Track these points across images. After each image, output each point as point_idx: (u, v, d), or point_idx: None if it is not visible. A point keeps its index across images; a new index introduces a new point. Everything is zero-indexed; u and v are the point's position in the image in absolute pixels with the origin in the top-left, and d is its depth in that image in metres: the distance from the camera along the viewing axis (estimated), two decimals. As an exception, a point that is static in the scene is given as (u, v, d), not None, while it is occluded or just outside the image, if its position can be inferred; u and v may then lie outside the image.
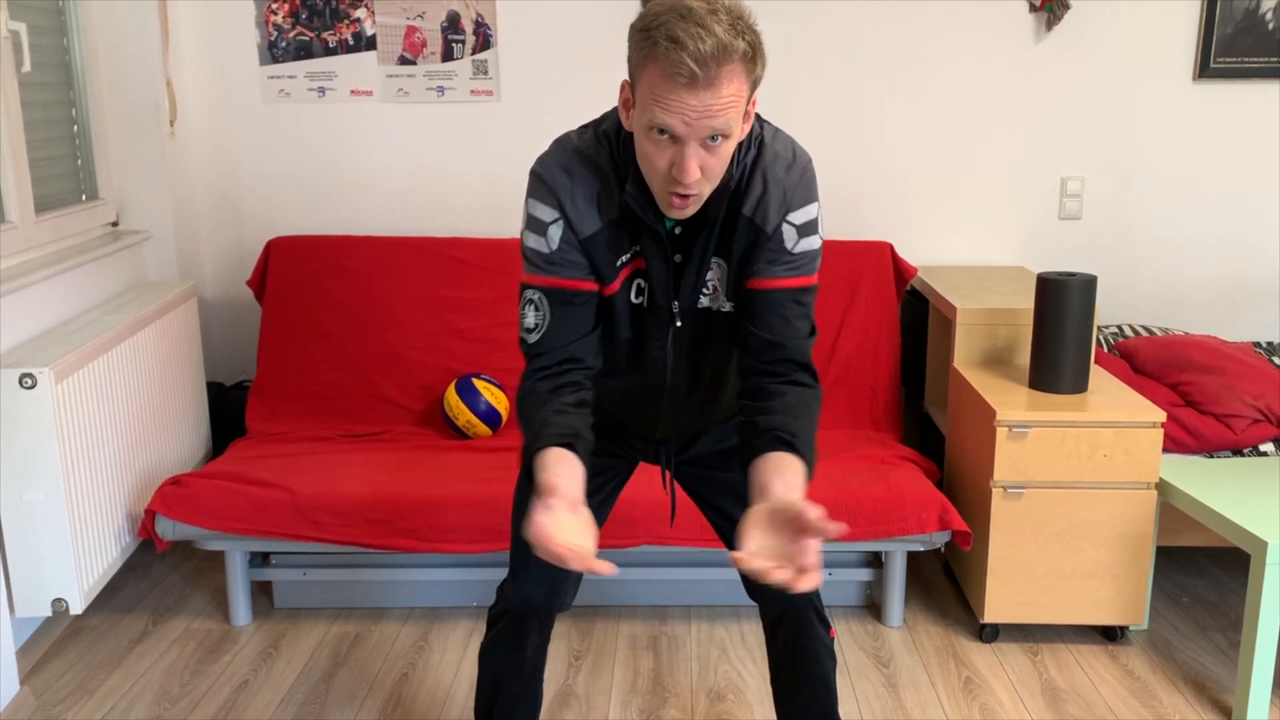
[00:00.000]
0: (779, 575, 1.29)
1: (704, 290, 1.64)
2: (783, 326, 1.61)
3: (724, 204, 1.57)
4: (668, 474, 1.90)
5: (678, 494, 1.94)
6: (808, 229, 1.60)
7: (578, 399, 1.59)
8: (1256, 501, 2.43)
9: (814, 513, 1.29)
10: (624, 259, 1.62)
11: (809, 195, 1.60)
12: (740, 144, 1.56)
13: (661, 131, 1.42)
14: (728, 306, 1.65)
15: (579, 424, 1.55)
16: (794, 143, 1.62)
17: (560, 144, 1.62)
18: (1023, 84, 3.30)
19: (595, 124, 1.63)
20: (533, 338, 1.62)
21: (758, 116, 1.60)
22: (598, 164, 1.58)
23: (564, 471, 1.46)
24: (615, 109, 1.61)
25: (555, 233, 1.58)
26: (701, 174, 1.45)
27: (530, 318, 1.62)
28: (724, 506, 1.83)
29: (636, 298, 1.65)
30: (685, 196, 1.48)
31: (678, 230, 1.60)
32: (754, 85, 1.45)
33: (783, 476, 1.46)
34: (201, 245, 3.42)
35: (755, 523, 1.38)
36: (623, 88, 1.50)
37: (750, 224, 1.58)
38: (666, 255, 1.60)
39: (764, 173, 1.57)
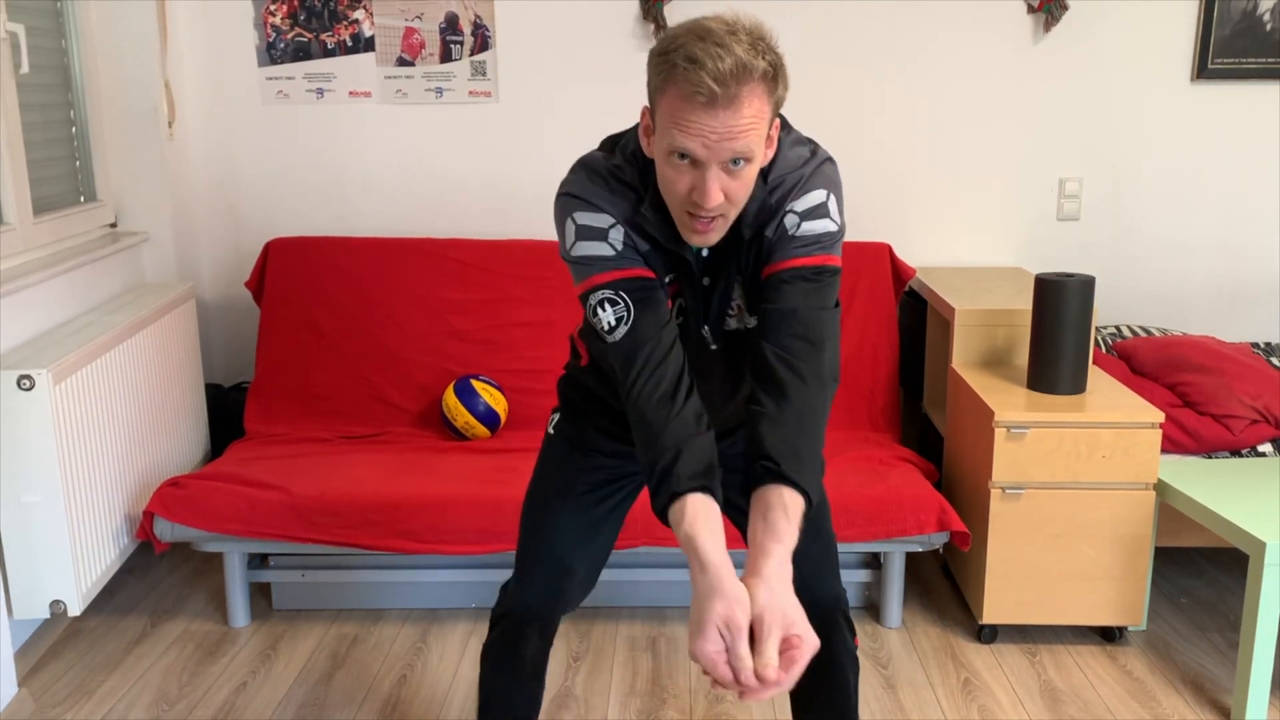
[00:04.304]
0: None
1: (729, 311, 1.59)
2: (794, 296, 1.49)
3: (751, 224, 1.51)
4: None
5: None
6: (812, 213, 1.51)
7: (695, 409, 1.47)
8: (1255, 502, 2.43)
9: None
10: (668, 278, 1.57)
11: (813, 184, 1.52)
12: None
13: (682, 156, 1.38)
14: (753, 322, 1.59)
15: (707, 447, 1.46)
16: (812, 145, 1.56)
17: (589, 166, 1.55)
18: (1021, 85, 3.30)
19: (620, 144, 1.57)
20: (618, 334, 1.49)
21: (785, 125, 1.54)
22: (631, 184, 1.52)
23: (715, 537, 1.37)
24: (634, 128, 1.55)
25: (617, 235, 1.51)
26: (725, 198, 1.40)
27: (608, 316, 1.49)
28: (730, 497, 1.81)
29: (677, 317, 1.61)
30: (708, 222, 1.43)
31: (705, 254, 1.55)
32: (776, 107, 1.41)
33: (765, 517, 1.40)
34: (200, 246, 3.42)
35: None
36: (643, 114, 1.46)
37: (764, 237, 1.53)
38: (695, 280, 1.56)
39: (778, 185, 1.52)
